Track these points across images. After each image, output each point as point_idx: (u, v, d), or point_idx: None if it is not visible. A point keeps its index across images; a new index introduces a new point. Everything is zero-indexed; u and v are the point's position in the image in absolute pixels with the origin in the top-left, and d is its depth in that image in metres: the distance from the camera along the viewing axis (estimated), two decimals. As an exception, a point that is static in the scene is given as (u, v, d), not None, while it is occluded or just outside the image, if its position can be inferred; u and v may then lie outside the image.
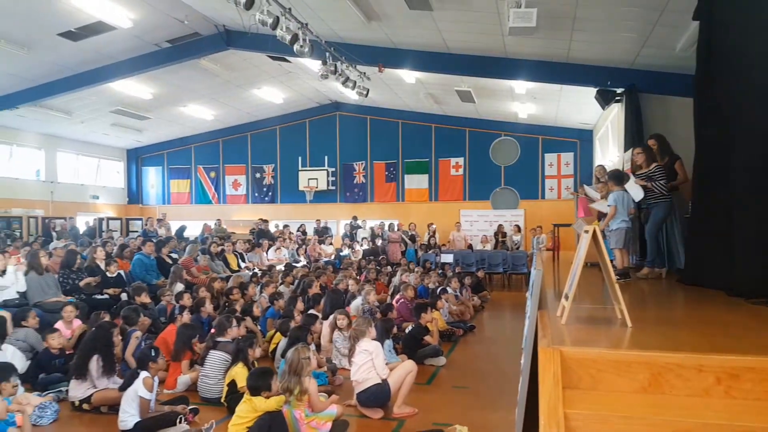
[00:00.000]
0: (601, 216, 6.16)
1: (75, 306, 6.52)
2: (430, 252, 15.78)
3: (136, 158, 22.13)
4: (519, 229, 16.34)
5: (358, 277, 10.99)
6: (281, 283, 10.21)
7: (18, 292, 7.10)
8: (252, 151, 21.17)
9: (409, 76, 13.66)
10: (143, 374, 4.47)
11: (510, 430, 4.36)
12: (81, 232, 16.60)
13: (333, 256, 15.49)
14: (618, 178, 5.87)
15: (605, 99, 10.87)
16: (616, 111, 11.30)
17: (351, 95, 16.92)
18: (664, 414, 2.47)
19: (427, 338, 6.80)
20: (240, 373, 4.91)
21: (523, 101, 14.68)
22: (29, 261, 7.40)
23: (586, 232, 3.39)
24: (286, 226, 16.13)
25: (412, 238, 16.40)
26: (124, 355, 5.78)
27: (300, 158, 20.16)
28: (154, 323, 7.04)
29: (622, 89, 10.33)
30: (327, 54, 10.17)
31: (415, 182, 19.03)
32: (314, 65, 14.22)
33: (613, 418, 2.52)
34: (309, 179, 19.85)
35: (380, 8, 9.90)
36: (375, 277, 11.20)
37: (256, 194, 21.25)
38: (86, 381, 4.95)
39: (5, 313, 6.49)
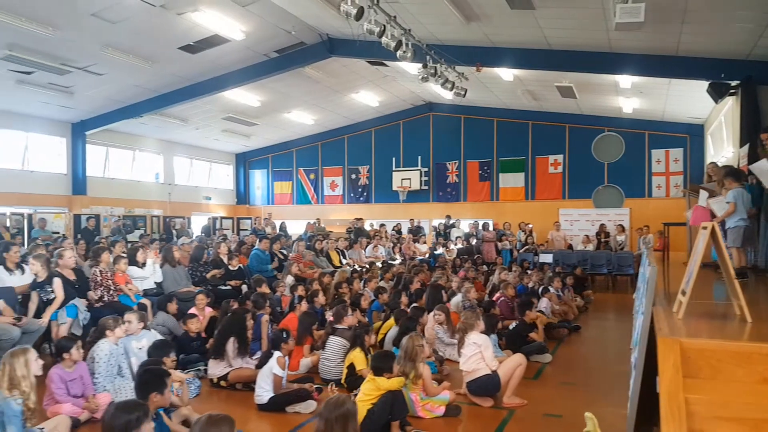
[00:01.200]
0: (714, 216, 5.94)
1: (206, 295, 7.28)
2: (525, 250, 15.61)
3: (244, 162, 23.67)
4: (623, 229, 15.74)
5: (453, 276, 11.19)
6: (381, 279, 10.65)
7: (155, 283, 8.01)
8: (348, 153, 21.95)
9: (506, 73, 13.64)
10: (276, 354, 4.99)
11: (622, 424, 4.39)
12: (194, 230, 18.08)
13: (427, 255, 15.77)
14: (736, 174, 5.66)
15: (718, 92, 10.31)
16: (731, 104, 10.69)
17: (445, 95, 17.20)
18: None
19: (533, 335, 6.89)
20: (358, 357, 5.31)
21: (628, 96, 14.18)
22: (164, 255, 8.33)
23: (704, 228, 3.41)
24: (382, 225, 16.62)
25: (505, 238, 16.30)
26: (254, 337, 6.37)
27: (394, 159, 20.65)
28: (272, 311, 7.66)
29: (737, 82, 9.76)
30: (427, 57, 10.44)
31: (511, 181, 18.87)
32: (412, 68, 14.65)
33: (734, 404, 2.57)
34: (402, 179, 20.30)
35: (480, 9, 10.04)
36: (474, 276, 11.34)
37: (352, 194, 22.01)
38: (223, 361, 5.56)
39: (146, 300, 7.38)
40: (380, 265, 12.62)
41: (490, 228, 16.70)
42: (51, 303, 6.20)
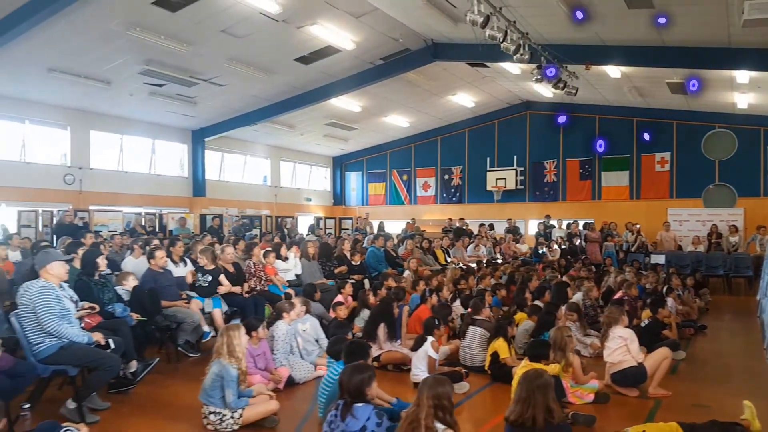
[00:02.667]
0: None
1: (351, 285, 7.92)
2: (636, 251, 15.24)
3: (341, 164, 24.65)
4: (736, 230, 14.99)
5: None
6: (491, 277, 10.89)
7: (295, 275, 8.76)
8: (441, 154, 22.28)
9: (614, 70, 13.46)
10: (430, 339, 5.44)
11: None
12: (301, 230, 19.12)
13: (528, 255, 15.79)
14: None
15: None
16: None
17: (544, 93, 17.16)
18: None
19: (666, 332, 6.93)
20: (502, 346, 5.65)
21: (744, 91, 13.56)
22: (302, 249, 9.08)
23: None
24: (482, 225, 16.81)
25: (611, 238, 15.97)
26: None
27: (488, 159, 20.75)
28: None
29: None
30: (542, 58, 10.60)
31: (614, 180, 18.43)
32: (512, 67, 14.80)
33: None
34: (497, 179, 20.35)
35: (594, 9, 10.08)
36: (586, 275, 11.32)
37: (444, 195, 22.31)
38: (375, 344, 6.08)
39: (291, 290, 8.10)
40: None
41: (594, 228, 16.41)
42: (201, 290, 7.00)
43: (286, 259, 8.65)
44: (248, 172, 21.02)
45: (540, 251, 15.62)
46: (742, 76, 12.16)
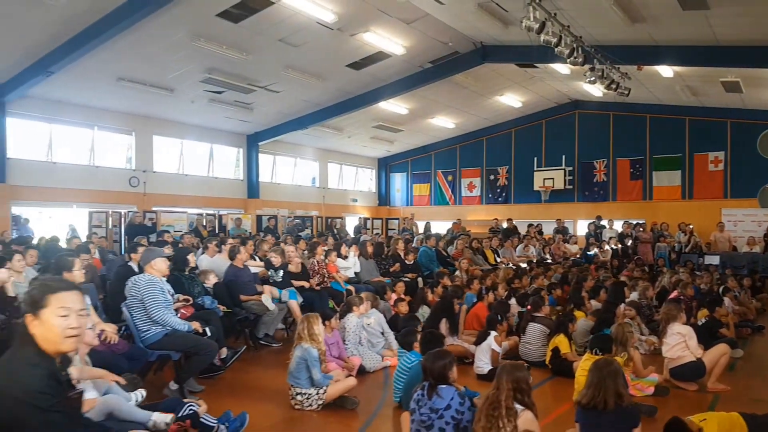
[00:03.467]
0: None
1: (405, 284, 8.29)
2: (690, 251, 15.08)
3: (385, 166, 25.08)
4: (794, 230, 14.67)
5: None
6: (543, 277, 11.06)
7: (354, 273, 9.19)
8: (487, 155, 22.40)
9: (666, 70, 13.38)
10: (493, 333, 5.76)
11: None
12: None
13: (578, 255, 15.79)
14: None
15: None
16: None
17: (594, 93, 17.11)
18: None
19: (723, 330, 7.02)
20: (563, 342, 5.91)
21: (802, 88, 13.28)
22: (360, 248, 9.51)
23: None
24: (530, 225, 16.91)
25: (663, 239, 15.83)
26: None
27: (535, 159, 20.74)
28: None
29: None
30: (595, 60, 10.70)
31: (665, 179, 18.20)
32: (562, 68, 14.86)
33: None
34: (544, 179, 20.33)
35: (647, 11, 10.14)
36: (640, 276, 11.37)
37: (490, 195, 22.41)
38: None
39: (351, 287, 8.53)
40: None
41: (646, 229, 16.31)
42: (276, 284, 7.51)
43: (345, 257, 9.09)
44: (299, 174, 21.70)
45: (590, 252, 15.61)
46: (800, 74, 11.96)
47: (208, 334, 5.07)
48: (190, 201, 17.32)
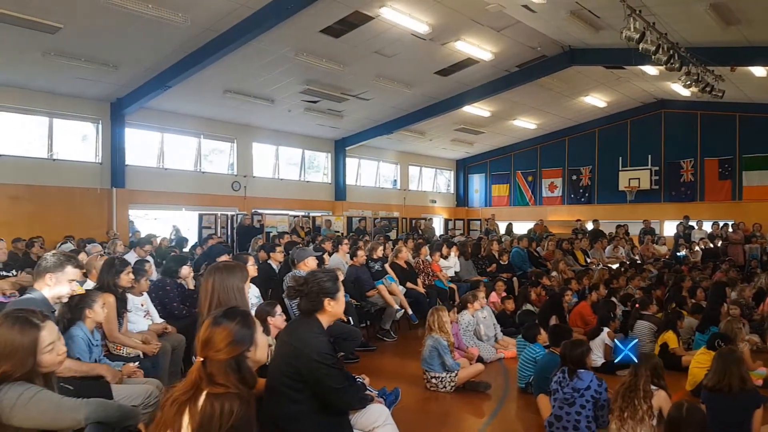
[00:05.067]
0: None
1: (503, 282, 8.83)
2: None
3: (464, 167, 25.52)
4: None
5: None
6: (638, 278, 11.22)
7: (455, 272, 9.81)
8: (569, 155, 22.34)
9: (759, 69, 13.10)
10: (605, 329, 6.22)
11: None
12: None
13: (667, 257, 15.64)
14: None
15: None
16: None
17: (681, 92, 16.81)
18: None
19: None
20: (671, 338, 6.27)
21: None
22: (460, 249, 10.13)
23: None
24: (619, 226, 16.89)
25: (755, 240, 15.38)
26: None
27: (620, 158, 20.53)
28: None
29: None
30: (690, 64, 10.76)
31: (756, 179, 17.63)
32: (650, 68, 14.78)
33: None
34: (630, 179, 20.10)
35: (743, 15, 10.11)
36: (736, 276, 11.29)
37: (572, 195, 22.34)
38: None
39: (453, 285, 9.15)
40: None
41: (737, 229, 15.89)
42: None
43: (446, 257, 9.72)
44: (381, 176, 22.58)
45: (680, 253, 15.44)
46: None
47: (351, 322, 5.84)
48: (285, 203, 18.50)
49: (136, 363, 4.17)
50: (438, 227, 22.87)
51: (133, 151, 15.66)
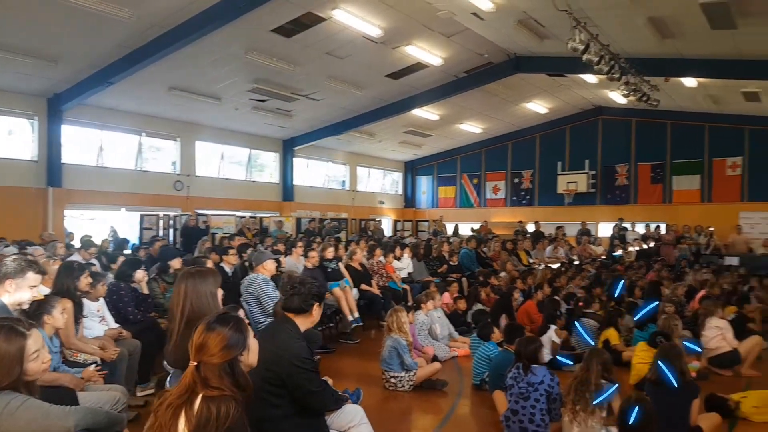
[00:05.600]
0: None
1: (458, 283, 9.10)
2: (711, 253, 15.75)
3: (412, 169, 25.87)
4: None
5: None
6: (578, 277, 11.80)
7: (408, 273, 10.01)
8: (512, 158, 23.10)
9: (690, 80, 14.05)
10: (552, 327, 6.55)
11: None
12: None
13: (603, 257, 16.49)
14: None
15: None
16: None
17: (617, 99, 17.77)
18: None
19: (751, 325, 7.75)
20: (612, 334, 6.69)
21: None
22: (412, 250, 10.33)
23: None
24: (559, 227, 17.63)
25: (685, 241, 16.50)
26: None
27: (559, 163, 21.42)
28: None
29: None
30: (629, 75, 11.40)
31: (685, 183, 18.87)
32: (589, 77, 15.54)
33: None
34: (568, 182, 21.00)
35: (678, 29, 10.84)
36: (668, 276, 12.07)
37: (514, 198, 23.11)
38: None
39: (407, 286, 9.34)
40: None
41: (663, 230, 16.99)
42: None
43: (399, 258, 9.90)
44: (329, 177, 22.57)
45: (616, 253, 16.32)
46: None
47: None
48: (230, 204, 18.16)
49: (98, 366, 4.09)
50: (386, 228, 23.08)
51: (71, 148, 15.01)
